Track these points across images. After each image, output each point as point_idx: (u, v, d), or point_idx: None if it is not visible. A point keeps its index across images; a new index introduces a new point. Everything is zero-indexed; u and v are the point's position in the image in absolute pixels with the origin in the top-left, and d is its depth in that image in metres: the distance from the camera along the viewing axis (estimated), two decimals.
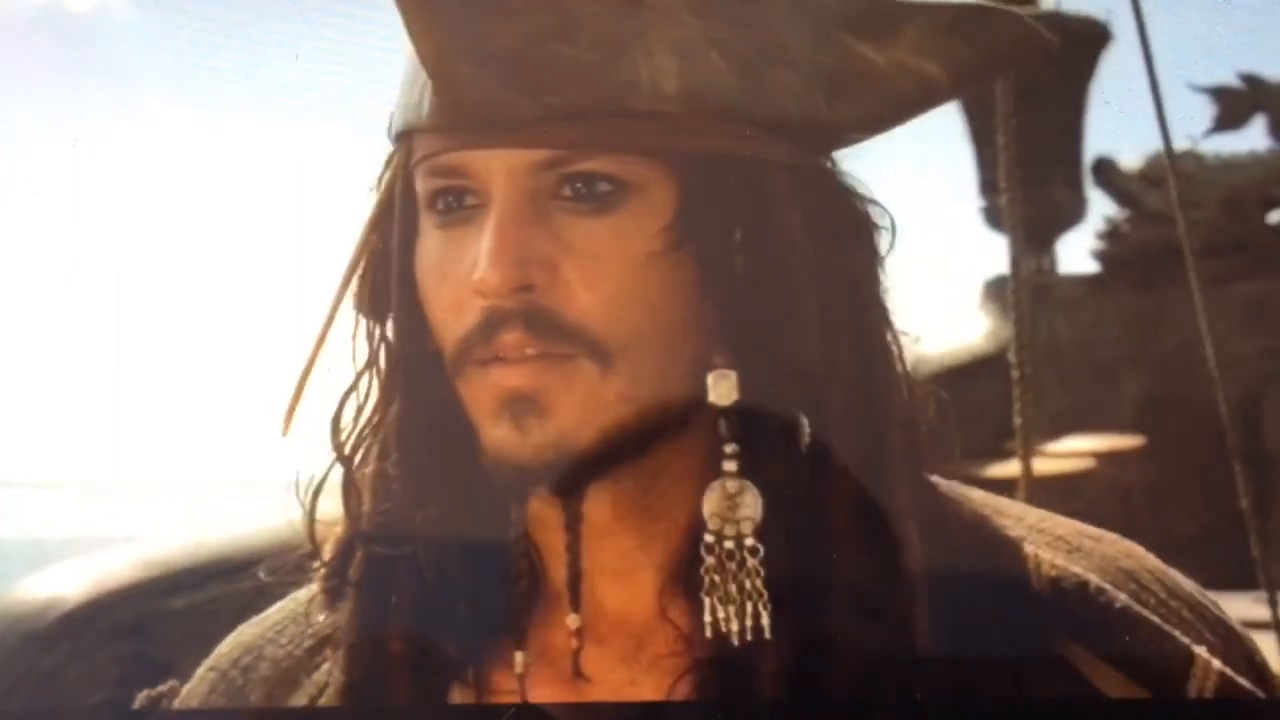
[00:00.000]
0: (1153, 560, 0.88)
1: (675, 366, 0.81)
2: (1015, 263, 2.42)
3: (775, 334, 0.81)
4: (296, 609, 0.94)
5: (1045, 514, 0.90)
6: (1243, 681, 0.82)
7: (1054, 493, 3.50)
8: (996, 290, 4.17)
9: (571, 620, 0.84)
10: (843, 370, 0.82)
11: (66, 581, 2.15)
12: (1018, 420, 2.41)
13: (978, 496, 0.91)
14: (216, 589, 1.83)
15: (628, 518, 0.84)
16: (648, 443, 0.81)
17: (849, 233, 0.85)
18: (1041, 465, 3.64)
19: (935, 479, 0.89)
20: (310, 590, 0.92)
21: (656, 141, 0.80)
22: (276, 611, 0.95)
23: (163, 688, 0.96)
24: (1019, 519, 0.89)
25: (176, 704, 0.94)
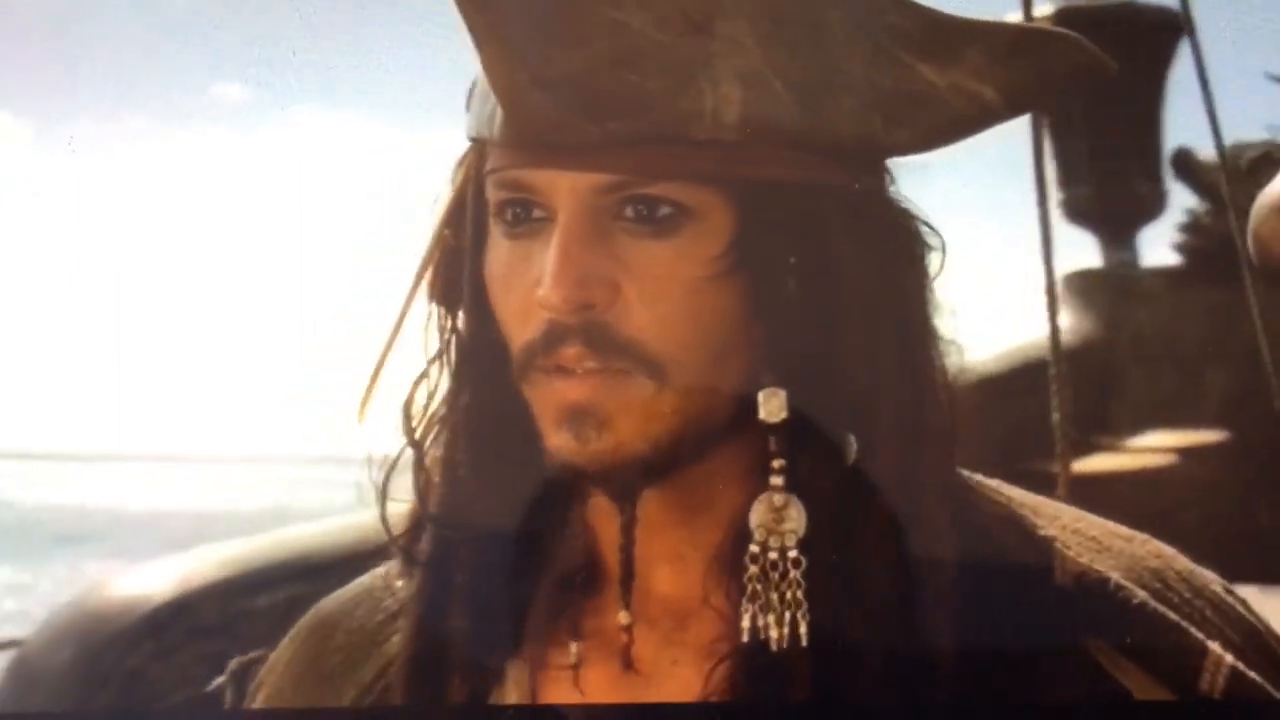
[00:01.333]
0: (1182, 561, 0.91)
1: (724, 382, 0.84)
2: (1048, 259, 2.38)
3: (825, 355, 0.84)
4: (371, 585, 0.99)
5: (1080, 514, 0.93)
6: (1254, 675, 0.84)
7: (1135, 488, 3.46)
8: (1077, 284, 4.11)
9: (622, 617, 0.88)
10: (889, 392, 0.85)
11: (152, 580, 2.18)
12: (1055, 416, 2.39)
13: (1016, 496, 0.93)
14: (297, 588, 1.85)
15: (677, 515, 0.88)
16: (698, 451, 0.85)
17: (899, 255, 0.88)
18: (1123, 461, 3.60)
19: (976, 478, 0.92)
20: (384, 569, 0.98)
21: (716, 169, 0.83)
22: (353, 588, 1.00)
23: (254, 654, 1.02)
24: (1053, 519, 0.92)
25: (262, 671, 1.00)
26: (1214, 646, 0.85)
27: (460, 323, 0.93)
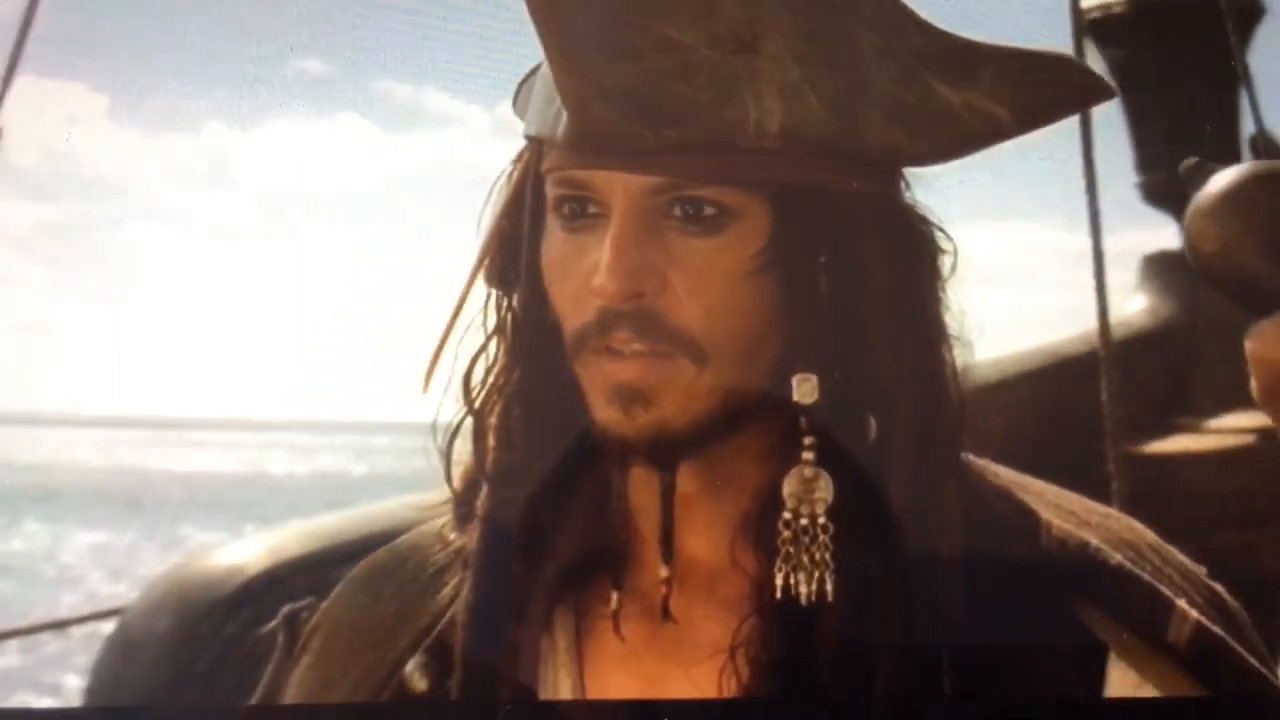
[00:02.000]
0: (1152, 536, 1.00)
1: (759, 366, 0.93)
2: (1097, 245, 2.38)
3: (852, 346, 0.93)
4: (420, 541, 1.08)
5: (1061, 491, 1.02)
6: (1216, 630, 0.94)
7: (1213, 468, 3.46)
8: (1157, 266, 4.09)
9: (663, 570, 0.97)
10: (906, 381, 0.94)
11: (246, 552, 2.25)
12: (1104, 396, 2.40)
13: (1004, 474, 1.02)
14: None
15: (709, 486, 0.97)
16: (733, 427, 0.94)
17: (919, 257, 0.96)
18: (1202, 441, 3.59)
19: (969, 458, 1.01)
20: (433, 526, 1.06)
21: (757, 175, 0.91)
22: (403, 543, 1.09)
23: (304, 602, 1.11)
24: (1039, 495, 1.01)
25: (314, 619, 1.10)
26: (1181, 603, 0.94)
27: (516, 304, 1.01)
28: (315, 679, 1.07)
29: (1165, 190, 4.04)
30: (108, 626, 2.49)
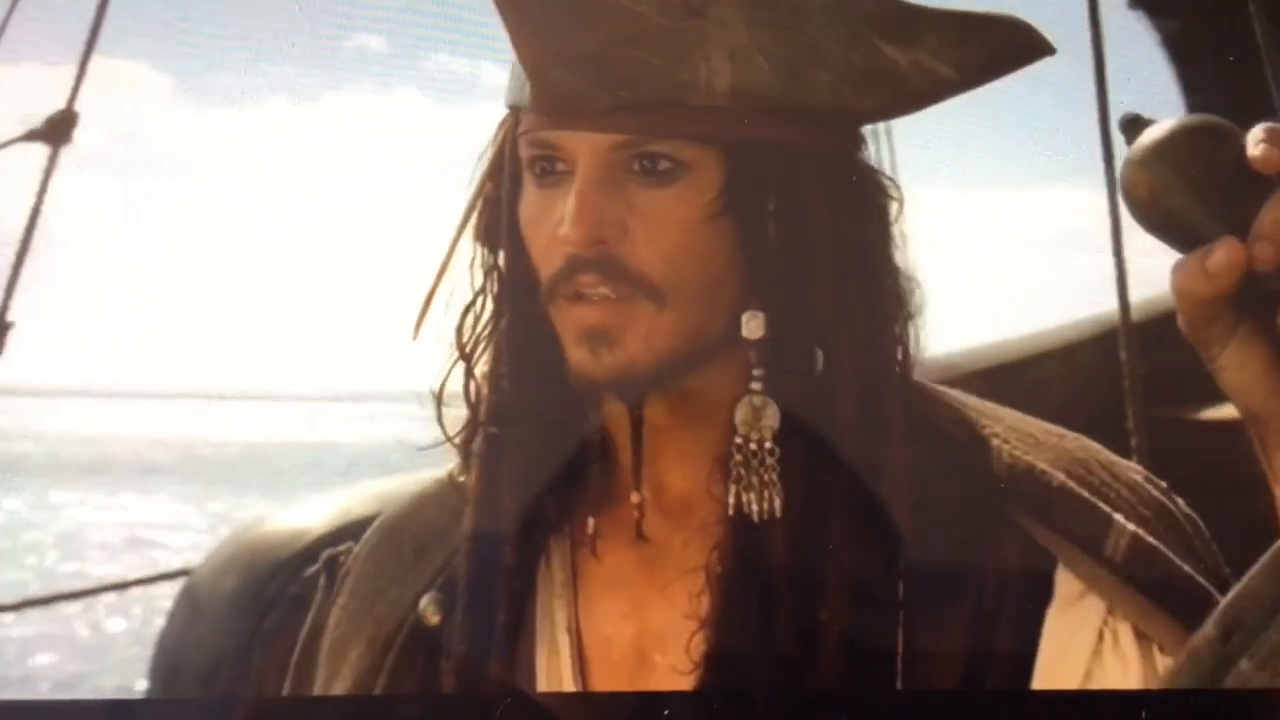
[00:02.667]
0: (1106, 455, 1.07)
1: (716, 306, 1.02)
2: (1115, 223, 2.39)
3: (797, 285, 1.01)
4: (436, 490, 1.18)
5: (1022, 416, 1.10)
6: (1152, 541, 1.00)
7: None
8: None
9: (634, 497, 1.07)
10: (850, 315, 1.02)
11: (311, 514, 2.29)
12: (1125, 362, 2.41)
13: (973, 403, 1.10)
14: None
15: (682, 419, 1.06)
16: (694, 364, 1.02)
17: (863, 204, 1.04)
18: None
19: (940, 389, 1.10)
20: (445, 475, 1.16)
21: (708, 130, 1.00)
22: (420, 493, 1.20)
23: (341, 548, 1.22)
24: (999, 420, 1.09)
25: (349, 561, 1.20)
26: (1118, 518, 1.01)
27: (500, 260, 1.09)
28: (349, 616, 1.17)
29: None
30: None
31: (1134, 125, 0.84)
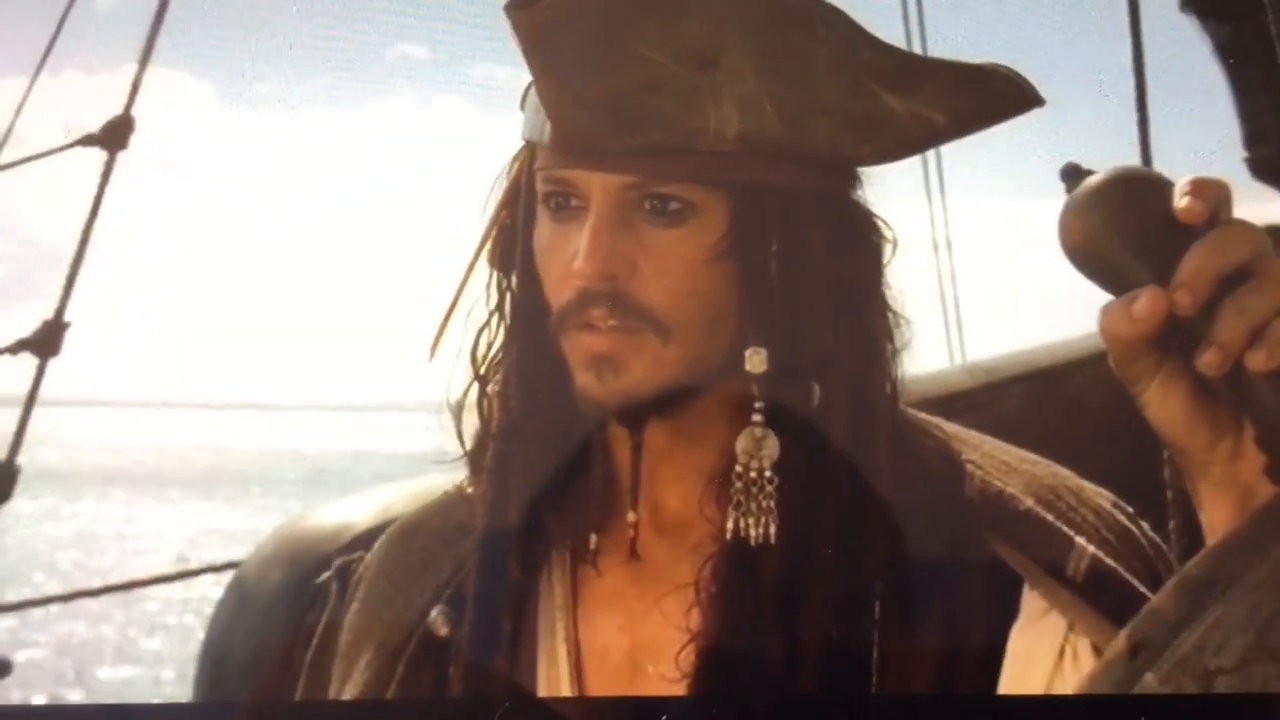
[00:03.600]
0: (1075, 481, 1.13)
1: (717, 340, 1.06)
2: None
3: (797, 323, 1.06)
4: (444, 500, 1.23)
5: (1001, 445, 1.15)
6: (1111, 563, 1.05)
7: None
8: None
9: (630, 516, 1.12)
10: (846, 353, 1.07)
11: (353, 510, 2.32)
12: None
13: (951, 430, 1.16)
14: None
15: (682, 442, 1.11)
16: (695, 393, 1.07)
17: (859, 246, 1.09)
18: None
19: (921, 416, 1.15)
20: (454, 488, 1.20)
21: (716, 175, 1.04)
22: (430, 503, 1.25)
23: (354, 556, 1.26)
24: (976, 448, 1.14)
25: (360, 569, 1.24)
26: (1080, 540, 1.07)
27: (514, 285, 1.14)
28: (360, 622, 1.21)
29: (1272, 165, 3.99)
30: None
31: (1073, 175, 0.88)
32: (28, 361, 2.01)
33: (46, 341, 1.98)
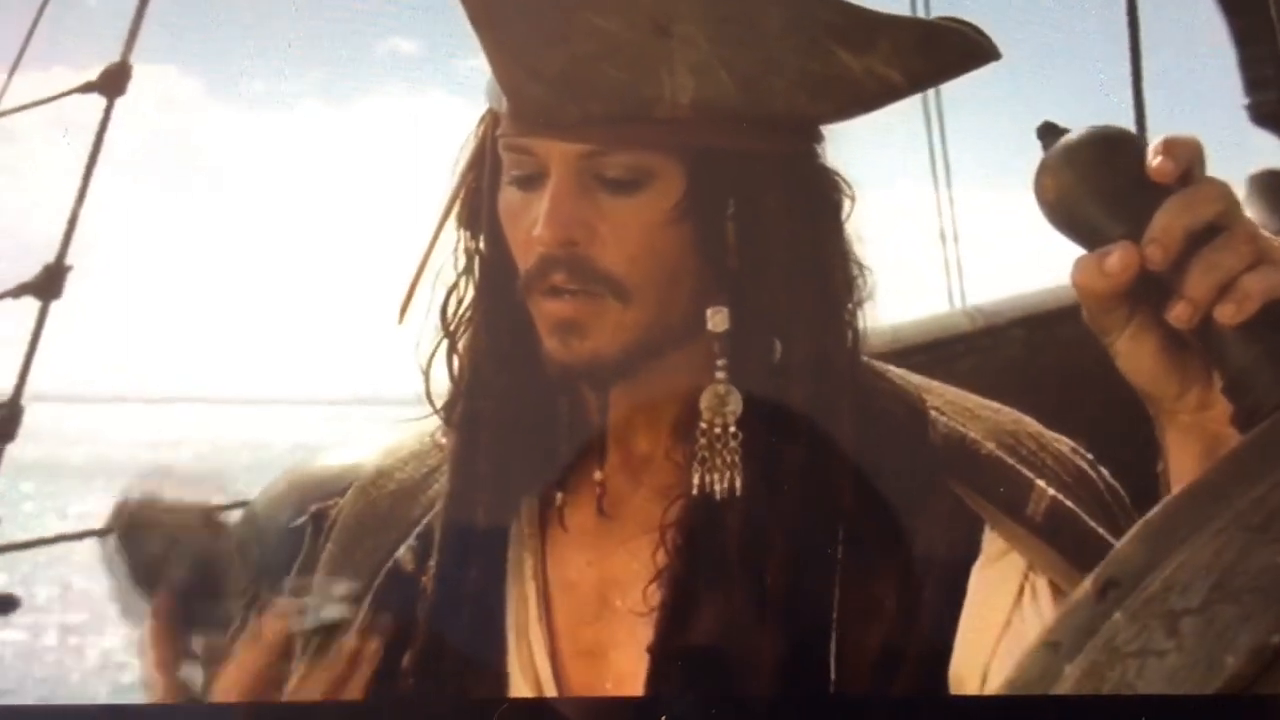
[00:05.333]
0: (1035, 427, 1.14)
1: (678, 302, 1.08)
2: None
3: (757, 282, 1.07)
4: (418, 447, 1.24)
5: (964, 393, 1.16)
6: (1070, 504, 1.07)
7: None
8: (1262, 184, 4.03)
9: (597, 474, 1.14)
10: (804, 310, 1.08)
11: (360, 451, 2.33)
12: None
13: (917, 380, 1.17)
14: None
15: (650, 398, 1.12)
16: (659, 353, 1.09)
17: (817, 205, 1.10)
18: None
19: (888, 368, 1.16)
20: (429, 435, 1.23)
21: (672, 141, 1.05)
22: (404, 449, 1.26)
23: (329, 502, 1.28)
24: (940, 395, 1.16)
25: (334, 513, 1.26)
26: (1040, 482, 1.08)
27: (481, 245, 1.15)
28: (331, 561, 1.23)
29: (1274, 110, 3.97)
30: None
31: (1049, 133, 0.89)
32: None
33: (48, 285, 1.98)
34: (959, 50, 1.07)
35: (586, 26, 1.02)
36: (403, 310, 1.17)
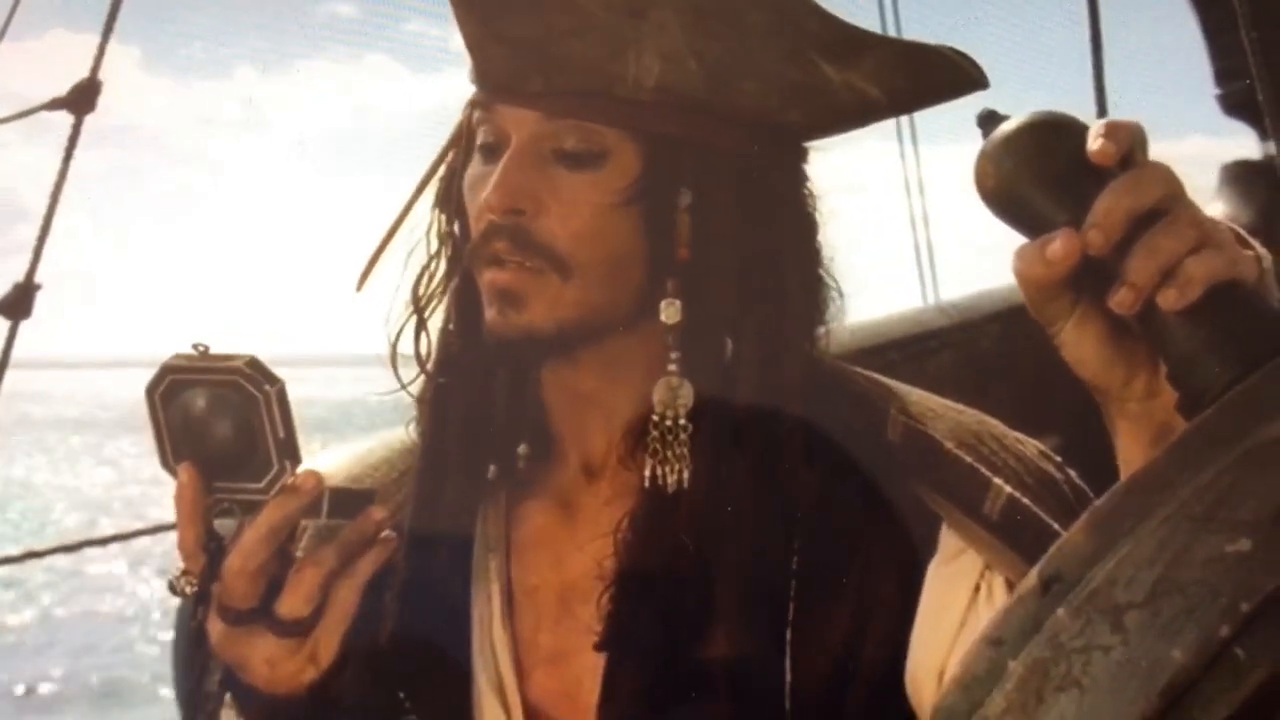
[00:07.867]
0: (999, 428, 1.12)
1: (623, 286, 1.05)
2: None
3: (708, 277, 1.05)
4: (388, 455, 1.22)
5: (929, 395, 1.14)
6: (1027, 503, 1.04)
7: None
8: (1234, 174, 4.00)
9: (521, 449, 1.14)
10: (754, 309, 1.05)
11: (333, 458, 2.31)
12: None
13: (884, 382, 1.14)
14: None
15: (600, 389, 1.10)
16: (601, 336, 1.06)
17: (778, 213, 1.07)
18: None
19: (853, 369, 1.14)
20: (399, 441, 1.20)
21: (630, 121, 1.03)
22: (375, 454, 1.24)
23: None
24: (905, 396, 1.13)
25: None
26: (997, 481, 1.05)
27: (454, 226, 1.13)
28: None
29: (1244, 101, 3.96)
30: None
31: (989, 120, 0.85)
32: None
33: (17, 304, 1.96)
34: (945, 75, 1.05)
35: (564, 2, 1.00)
36: (361, 281, 1.15)
